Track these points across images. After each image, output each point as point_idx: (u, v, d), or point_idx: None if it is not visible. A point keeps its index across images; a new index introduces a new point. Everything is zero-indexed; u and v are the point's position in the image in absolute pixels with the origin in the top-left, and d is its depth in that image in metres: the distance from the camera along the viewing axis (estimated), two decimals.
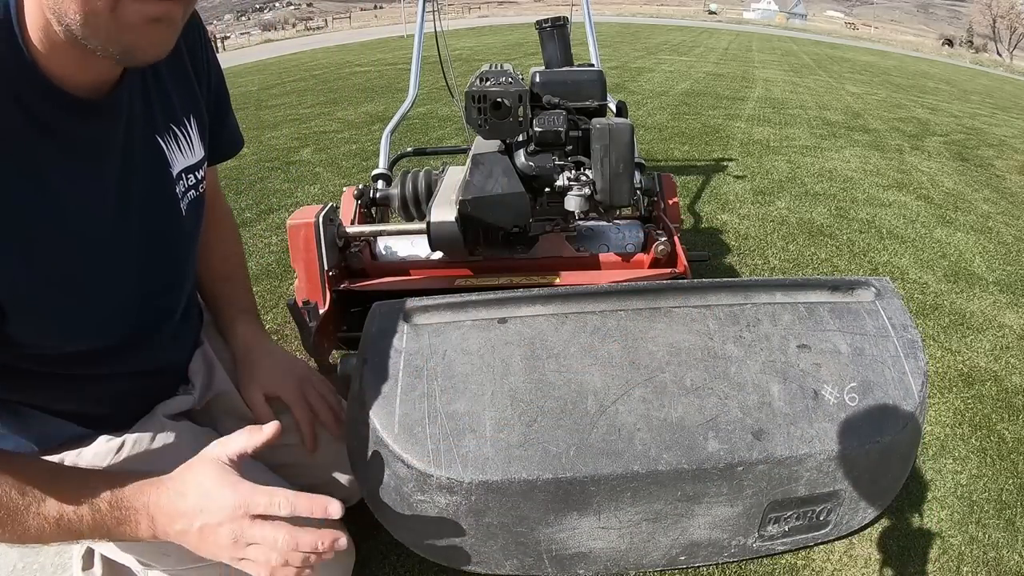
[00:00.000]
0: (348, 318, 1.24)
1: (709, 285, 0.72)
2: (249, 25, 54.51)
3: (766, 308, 0.70)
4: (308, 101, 5.54)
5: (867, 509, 0.70)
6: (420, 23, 1.97)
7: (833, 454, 0.62)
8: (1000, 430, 1.46)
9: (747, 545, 0.67)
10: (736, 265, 2.28)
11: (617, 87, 6.50)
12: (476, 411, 0.60)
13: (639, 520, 0.62)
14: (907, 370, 0.67)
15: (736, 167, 3.59)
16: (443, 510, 0.59)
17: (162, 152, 0.63)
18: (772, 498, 0.63)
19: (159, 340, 0.72)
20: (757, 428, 0.61)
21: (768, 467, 0.60)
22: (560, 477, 0.57)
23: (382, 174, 1.49)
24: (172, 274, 0.70)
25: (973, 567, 1.09)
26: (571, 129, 1.02)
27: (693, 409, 0.61)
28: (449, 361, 0.63)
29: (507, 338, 0.65)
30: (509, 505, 0.58)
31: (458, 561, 0.64)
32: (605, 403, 0.61)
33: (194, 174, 0.69)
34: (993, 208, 3.23)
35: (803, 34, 29.74)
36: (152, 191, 0.63)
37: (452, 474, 0.57)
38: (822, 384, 0.65)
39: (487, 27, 18.48)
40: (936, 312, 2.03)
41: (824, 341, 0.68)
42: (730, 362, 0.65)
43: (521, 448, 0.58)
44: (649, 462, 0.58)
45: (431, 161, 3.09)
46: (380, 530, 1.08)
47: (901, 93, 8.57)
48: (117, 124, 0.57)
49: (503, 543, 0.61)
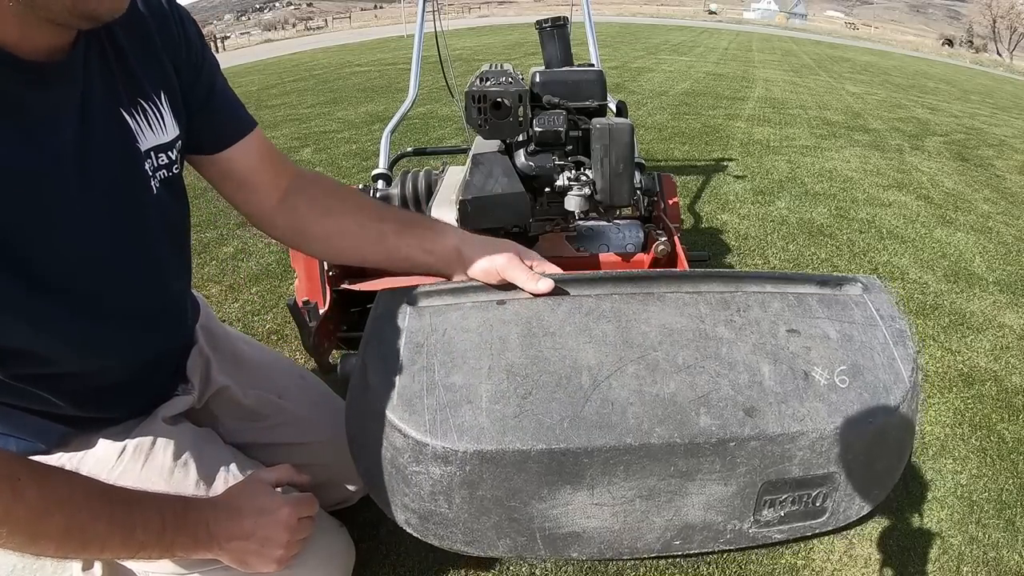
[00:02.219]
0: (348, 318, 1.24)
1: (701, 274, 0.75)
2: (249, 25, 54.53)
3: (756, 296, 0.73)
4: (308, 101, 5.54)
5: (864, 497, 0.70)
6: (420, 23, 1.97)
7: (825, 433, 0.63)
8: (1000, 430, 1.46)
9: (743, 531, 0.67)
10: (736, 265, 2.28)
11: (617, 87, 6.51)
12: (473, 384, 0.62)
13: (633, 496, 0.62)
14: (896, 356, 0.69)
15: (736, 167, 3.59)
16: (437, 482, 0.60)
17: (126, 125, 0.61)
18: (766, 478, 0.64)
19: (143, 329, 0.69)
20: (748, 406, 0.63)
21: (760, 444, 0.61)
22: (554, 448, 0.58)
23: (382, 174, 1.49)
24: (149, 255, 0.67)
25: (973, 567, 1.09)
26: (571, 129, 1.02)
27: (685, 386, 0.63)
28: (449, 338, 0.66)
29: (505, 318, 0.68)
30: (503, 476, 0.59)
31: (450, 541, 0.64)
32: (599, 378, 0.63)
33: (166, 153, 0.66)
34: (993, 208, 3.23)
35: (803, 34, 29.75)
36: (116, 164, 0.61)
37: (448, 443, 0.58)
38: (812, 366, 0.67)
39: (487, 27, 18.49)
40: (936, 312, 2.03)
41: (813, 327, 0.71)
42: (721, 343, 0.67)
43: (516, 419, 0.59)
44: (642, 435, 0.59)
45: (431, 161, 3.09)
46: (380, 530, 1.09)
47: (901, 93, 8.57)
48: (72, 90, 0.55)
49: (496, 520, 0.62)
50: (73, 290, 0.57)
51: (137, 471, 0.69)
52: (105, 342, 0.63)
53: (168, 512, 0.59)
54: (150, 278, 0.68)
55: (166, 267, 0.71)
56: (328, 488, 0.89)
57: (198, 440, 0.77)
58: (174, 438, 0.73)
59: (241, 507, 0.65)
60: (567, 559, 0.68)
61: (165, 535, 0.58)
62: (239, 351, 0.91)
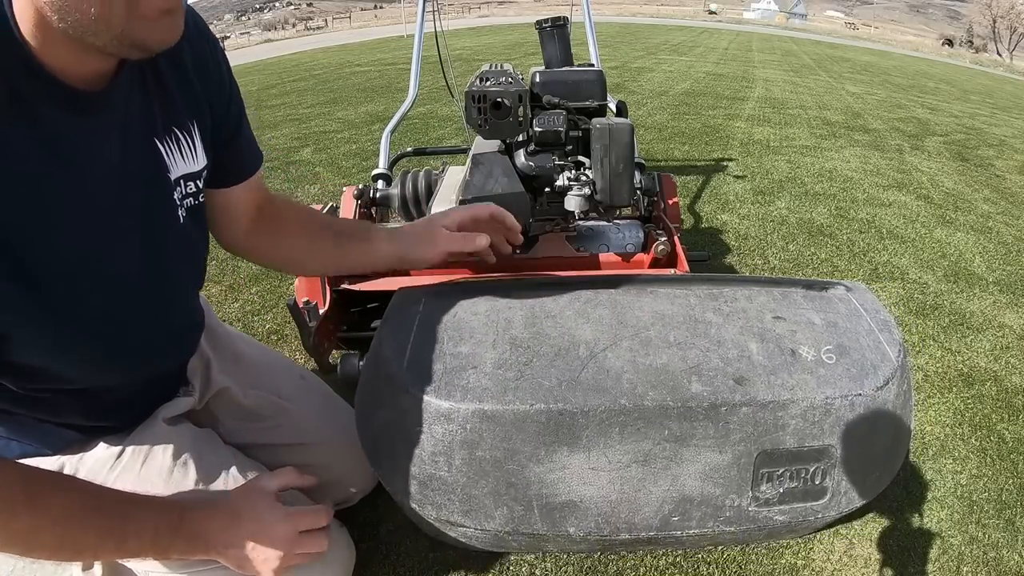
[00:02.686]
0: (348, 318, 1.24)
1: (691, 277, 0.83)
2: (249, 25, 54.50)
3: (743, 291, 0.79)
4: (308, 101, 5.54)
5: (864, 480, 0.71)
6: (420, 23, 1.97)
7: (815, 403, 0.65)
8: (1000, 430, 1.46)
9: (743, 508, 0.68)
10: (736, 265, 2.28)
11: (617, 87, 6.50)
12: (479, 352, 0.67)
13: (629, 462, 0.64)
14: (882, 340, 0.72)
15: (736, 167, 3.59)
16: (439, 441, 0.63)
17: (160, 154, 0.62)
18: (761, 447, 0.65)
19: (163, 350, 0.71)
20: (738, 375, 0.66)
21: (752, 410, 0.63)
22: (551, 408, 0.62)
23: (382, 174, 1.49)
24: (174, 282, 0.68)
25: (973, 567, 1.09)
26: (571, 129, 1.02)
27: (676, 358, 0.67)
28: (459, 318, 0.72)
29: (511, 304, 0.75)
30: (502, 436, 0.62)
31: (448, 510, 0.65)
32: (595, 350, 0.68)
33: (194, 182, 0.67)
34: (993, 208, 3.23)
35: (803, 34, 29.74)
36: (149, 192, 0.62)
37: (452, 402, 0.62)
38: (799, 345, 0.70)
39: (487, 27, 18.48)
40: (936, 312, 2.03)
41: (798, 315, 0.75)
42: (710, 325, 0.72)
43: (516, 382, 0.64)
44: (636, 398, 0.62)
45: (431, 161, 3.09)
46: (380, 530, 1.09)
47: (901, 93, 8.57)
48: (114, 117, 0.56)
49: (494, 485, 0.64)
50: (104, 314, 0.58)
51: (136, 471, 0.70)
52: (126, 362, 0.64)
53: (162, 521, 0.60)
54: (173, 303, 0.69)
55: (187, 292, 0.73)
56: (328, 488, 0.89)
57: (198, 441, 0.77)
58: (174, 439, 0.73)
59: (240, 514, 0.65)
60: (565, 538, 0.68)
61: (159, 542, 0.59)
62: (239, 351, 0.91)
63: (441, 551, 1.04)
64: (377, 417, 0.68)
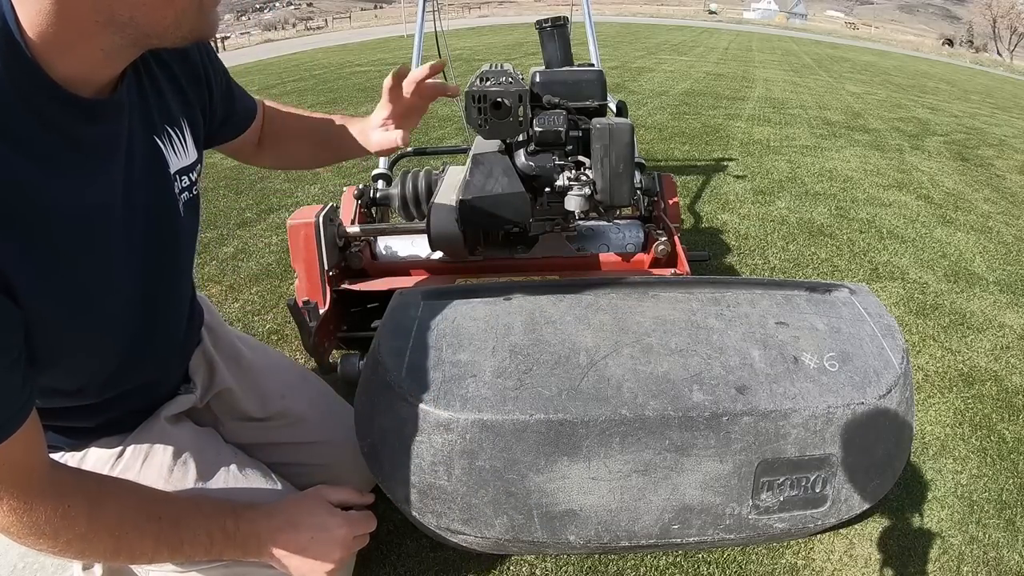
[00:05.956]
0: (348, 318, 1.24)
1: (693, 280, 0.82)
2: (249, 25, 54.50)
3: (745, 295, 0.78)
4: (308, 101, 5.54)
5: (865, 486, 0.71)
6: (420, 23, 1.97)
7: (817, 412, 0.64)
8: (1000, 430, 1.46)
9: (743, 517, 0.67)
10: (736, 265, 2.28)
11: (617, 87, 6.50)
12: (478, 360, 0.66)
13: (629, 471, 0.64)
14: (886, 346, 0.72)
15: (736, 167, 3.59)
16: (438, 451, 0.62)
17: (160, 151, 0.63)
18: (762, 456, 0.65)
19: (164, 351, 0.71)
20: (740, 384, 0.65)
21: (753, 420, 0.63)
22: (551, 418, 0.61)
23: (382, 174, 1.49)
24: (175, 277, 0.69)
25: (973, 567, 1.09)
26: (571, 129, 1.02)
27: (678, 366, 0.67)
28: (457, 324, 0.71)
29: (510, 309, 0.74)
30: (501, 446, 0.61)
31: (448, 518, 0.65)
32: (595, 358, 0.67)
33: (188, 175, 0.68)
34: (993, 208, 3.23)
35: (803, 34, 29.74)
36: (153, 191, 0.62)
37: (451, 412, 0.61)
38: (801, 352, 0.69)
39: (487, 27, 18.48)
40: (936, 312, 2.03)
41: (801, 320, 0.74)
42: (712, 332, 0.72)
43: (516, 391, 0.63)
44: (636, 408, 0.62)
45: (431, 161, 3.09)
46: (380, 530, 1.08)
47: (901, 93, 8.57)
48: (122, 122, 0.57)
49: (494, 494, 0.63)
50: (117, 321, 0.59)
51: (137, 469, 0.70)
52: (133, 372, 0.65)
53: (216, 528, 0.62)
54: (178, 305, 0.71)
55: (187, 290, 0.75)
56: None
57: (199, 440, 0.77)
58: (174, 437, 0.74)
59: (300, 523, 0.67)
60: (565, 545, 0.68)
61: (213, 548, 0.61)
62: (241, 352, 0.91)
63: (441, 551, 1.04)
64: (376, 424, 0.68)
